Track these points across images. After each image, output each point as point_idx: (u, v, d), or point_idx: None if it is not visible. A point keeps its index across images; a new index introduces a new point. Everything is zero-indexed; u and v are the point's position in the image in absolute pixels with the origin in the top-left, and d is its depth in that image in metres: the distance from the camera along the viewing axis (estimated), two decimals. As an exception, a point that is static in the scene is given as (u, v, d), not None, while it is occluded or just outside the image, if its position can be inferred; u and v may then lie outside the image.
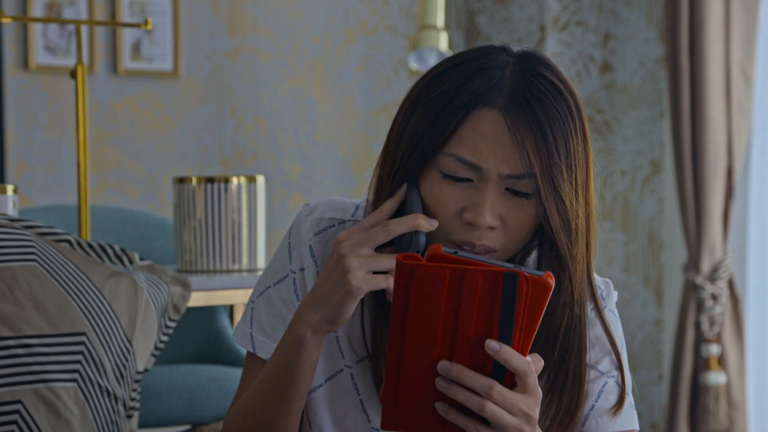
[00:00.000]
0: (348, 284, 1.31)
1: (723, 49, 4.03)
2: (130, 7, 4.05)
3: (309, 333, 1.35)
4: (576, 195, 1.35)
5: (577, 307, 1.39)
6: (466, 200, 1.34)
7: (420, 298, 1.20)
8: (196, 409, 2.98)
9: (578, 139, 1.35)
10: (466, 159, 1.32)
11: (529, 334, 1.21)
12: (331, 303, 1.33)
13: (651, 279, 4.37)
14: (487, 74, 1.34)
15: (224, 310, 3.30)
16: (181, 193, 2.69)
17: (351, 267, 1.31)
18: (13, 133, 3.91)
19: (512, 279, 1.18)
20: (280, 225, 4.29)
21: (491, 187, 1.33)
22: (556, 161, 1.32)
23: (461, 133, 1.33)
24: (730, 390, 4.06)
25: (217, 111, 4.26)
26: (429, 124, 1.34)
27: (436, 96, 1.35)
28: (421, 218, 1.33)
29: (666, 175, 4.33)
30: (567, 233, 1.35)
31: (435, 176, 1.35)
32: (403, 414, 1.25)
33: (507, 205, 1.34)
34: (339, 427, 1.47)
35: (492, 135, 1.32)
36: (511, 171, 1.32)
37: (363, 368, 1.46)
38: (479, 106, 1.32)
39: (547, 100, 1.33)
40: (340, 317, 1.33)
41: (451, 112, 1.33)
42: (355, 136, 4.50)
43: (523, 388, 1.22)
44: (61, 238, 2.16)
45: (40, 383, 1.99)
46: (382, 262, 1.32)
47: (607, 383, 1.45)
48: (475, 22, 4.67)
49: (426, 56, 3.97)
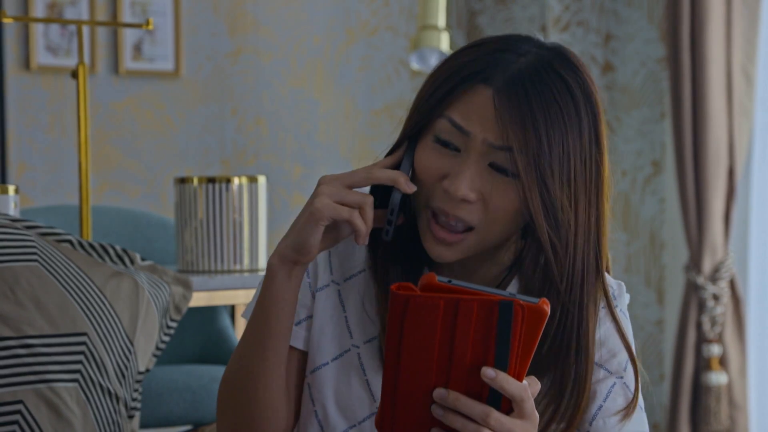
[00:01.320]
0: (312, 207, 1.35)
1: (724, 49, 4.03)
2: (131, 7, 4.06)
3: (277, 261, 1.38)
4: (571, 193, 1.35)
5: (570, 302, 1.38)
6: (449, 168, 1.36)
7: (415, 328, 1.19)
8: (198, 409, 2.99)
9: (582, 138, 1.35)
10: (457, 122, 1.35)
11: (525, 360, 1.21)
12: (297, 228, 1.37)
13: (652, 279, 4.37)
14: (499, 56, 1.36)
15: (225, 311, 3.30)
16: (182, 194, 2.69)
17: (320, 193, 1.35)
18: (14, 133, 3.91)
19: (508, 307, 1.18)
20: (281, 225, 4.29)
21: (473, 159, 1.35)
22: (544, 151, 1.33)
23: (459, 101, 1.36)
24: (732, 390, 4.06)
25: (218, 111, 4.26)
26: (434, 89, 1.38)
27: (449, 66, 1.39)
28: (402, 176, 1.36)
29: (667, 175, 4.33)
30: (552, 225, 1.35)
31: (429, 140, 1.38)
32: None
33: (489, 182, 1.35)
34: (343, 406, 1.46)
35: (482, 108, 1.34)
36: (494, 141, 1.33)
37: (370, 348, 1.46)
38: (478, 81, 1.35)
39: (548, 93, 1.34)
40: (304, 244, 1.36)
41: (454, 81, 1.36)
42: (356, 136, 4.50)
43: (520, 413, 1.22)
44: (62, 238, 2.16)
45: (42, 383, 1.99)
46: (350, 196, 1.35)
47: (615, 384, 1.44)
48: (477, 23, 4.67)
49: (427, 56, 3.98)
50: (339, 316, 1.48)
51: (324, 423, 1.47)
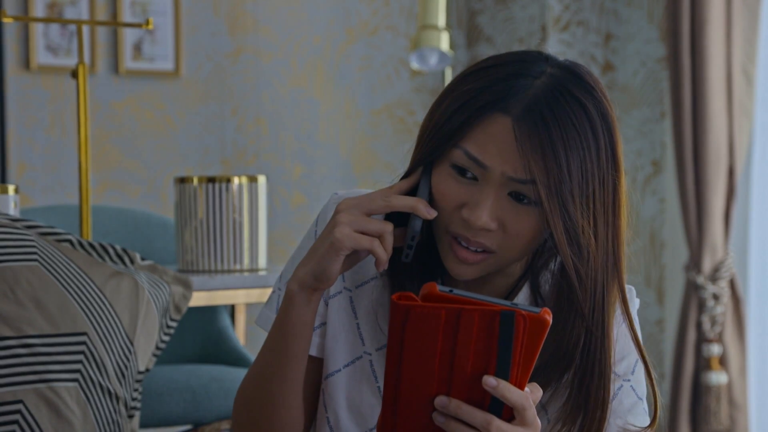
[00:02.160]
0: (333, 237, 1.34)
1: (724, 49, 4.03)
2: (131, 7, 4.06)
3: (296, 288, 1.38)
4: (590, 216, 1.35)
5: (593, 324, 1.38)
6: (468, 196, 1.35)
7: (416, 337, 1.19)
8: (198, 409, 2.98)
9: (600, 159, 1.35)
10: (473, 155, 1.34)
11: (527, 368, 1.21)
12: (317, 257, 1.36)
13: (652, 279, 4.37)
14: (515, 81, 1.34)
15: (225, 310, 3.30)
16: (182, 193, 2.69)
17: (340, 222, 1.35)
18: (14, 133, 3.91)
19: (509, 317, 1.18)
20: (281, 225, 4.29)
21: (492, 189, 1.34)
22: (565, 178, 1.32)
23: (474, 131, 1.34)
24: (732, 390, 4.06)
25: (218, 111, 4.26)
26: (449, 116, 1.36)
27: (464, 92, 1.37)
28: (421, 203, 1.36)
29: (667, 175, 4.33)
30: (575, 251, 1.35)
31: (445, 168, 1.37)
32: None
33: (508, 210, 1.35)
34: (355, 413, 1.47)
35: (500, 138, 1.33)
36: (514, 174, 1.33)
37: (382, 356, 1.46)
38: (496, 110, 1.33)
39: (566, 119, 1.33)
40: (324, 272, 1.36)
41: (470, 110, 1.35)
42: (357, 136, 4.50)
43: (522, 421, 1.22)
44: (62, 238, 2.16)
45: (42, 383, 1.99)
46: (370, 225, 1.35)
47: (622, 386, 1.45)
48: (477, 22, 4.67)
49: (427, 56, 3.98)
50: (351, 323, 1.48)
51: (335, 429, 1.47)
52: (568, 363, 1.39)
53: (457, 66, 4.58)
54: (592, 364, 1.39)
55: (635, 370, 1.46)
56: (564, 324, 1.38)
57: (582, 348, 1.38)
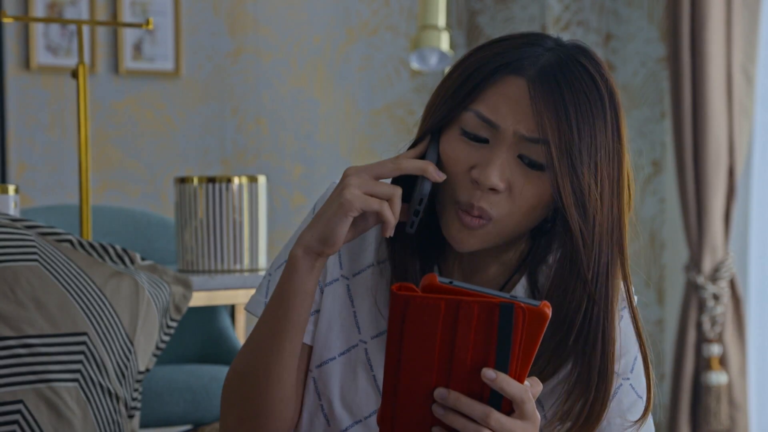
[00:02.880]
0: (342, 198, 1.34)
1: (724, 49, 4.03)
2: (131, 7, 4.06)
3: (301, 252, 1.37)
4: (597, 182, 1.36)
5: (596, 299, 1.38)
6: (478, 158, 1.36)
7: (415, 328, 1.19)
8: (198, 409, 2.98)
9: (606, 132, 1.37)
10: (485, 115, 1.35)
11: (526, 361, 1.21)
12: (324, 219, 1.36)
13: (652, 279, 4.37)
14: (528, 49, 1.38)
15: (226, 310, 3.30)
16: (182, 193, 2.69)
17: (348, 184, 1.35)
18: (14, 133, 3.91)
19: (508, 309, 1.18)
20: (281, 225, 4.29)
21: (504, 149, 1.35)
22: (575, 140, 1.34)
23: (486, 94, 1.36)
24: (732, 390, 4.06)
25: (218, 111, 4.26)
26: (460, 82, 1.38)
27: (474, 60, 1.39)
28: (431, 166, 1.36)
29: (667, 175, 4.33)
30: (581, 214, 1.36)
31: (455, 132, 1.38)
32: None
33: (517, 173, 1.36)
34: (349, 401, 1.46)
35: (514, 99, 1.35)
36: (526, 133, 1.34)
37: (379, 343, 1.46)
38: (509, 72, 1.36)
39: (578, 84, 1.36)
40: (331, 235, 1.35)
41: (482, 74, 1.37)
42: (357, 136, 4.50)
43: (521, 414, 1.23)
44: (62, 238, 2.16)
45: (42, 383, 1.99)
46: (381, 188, 1.35)
47: (621, 385, 1.44)
48: (477, 22, 4.67)
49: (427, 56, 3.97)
50: (348, 311, 1.48)
51: (330, 418, 1.47)
52: (568, 328, 1.39)
53: (457, 66, 4.58)
54: (594, 334, 1.39)
55: (634, 368, 1.46)
56: (566, 287, 1.39)
57: (584, 315, 1.38)
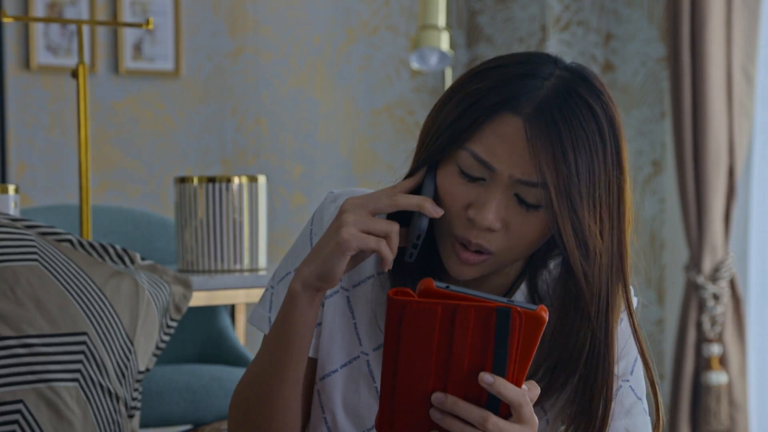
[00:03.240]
0: (339, 237, 1.33)
1: (724, 49, 4.03)
2: (131, 6, 4.06)
3: (300, 288, 1.37)
4: (596, 220, 1.35)
5: (598, 327, 1.38)
6: (474, 197, 1.35)
7: (412, 333, 1.19)
8: (198, 409, 2.98)
9: (606, 163, 1.35)
10: (481, 157, 1.33)
11: (523, 365, 1.21)
12: (322, 257, 1.35)
13: (652, 279, 4.37)
14: (524, 81, 1.34)
15: (225, 310, 3.30)
16: (182, 193, 2.69)
17: (345, 222, 1.34)
18: (14, 132, 3.91)
19: (505, 314, 1.18)
20: (281, 225, 4.29)
21: (499, 190, 1.34)
22: (574, 180, 1.32)
23: (483, 132, 1.34)
24: (732, 390, 4.06)
25: (218, 111, 4.26)
26: (456, 116, 1.36)
27: (471, 91, 1.36)
28: (428, 202, 1.35)
29: (667, 175, 4.33)
30: (582, 253, 1.35)
31: (451, 169, 1.37)
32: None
33: (514, 212, 1.35)
34: (352, 413, 1.46)
35: (510, 140, 1.33)
36: (522, 176, 1.33)
37: (379, 355, 1.46)
38: (506, 110, 1.33)
39: (575, 120, 1.33)
40: (329, 272, 1.35)
41: (479, 110, 1.34)
42: (357, 136, 4.50)
43: (519, 418, 1.22)
44: (62, 237, 2.16)
45: (42, 383, 1.99)
46: (377, 225, 1.34)
47: (621, 387, 1.45)
48: (477, 22, 4.67)
49: (427, 56, 3.98)
50: (348, 323, 1.48)
51: (333, 430, 1.47)
52: (573, 368, 1.39)
53: (457, 66, 4.58)
54: (596, 368, 1.39)
55: (634, 370, 1.46)
56: (570, 328, 1.38)
57: (589, 351, 1.38)
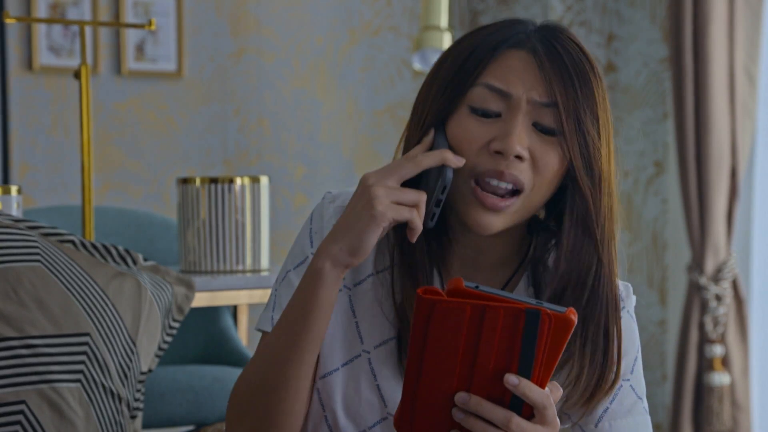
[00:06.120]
0: (373, 210, 1.33)
1: (727, 50, 4.03)
2: (133, 7, 4.06)
3: (328, 265, 1.36)
4: (599, 140, 1.39)
5: (604, 262, 1.40)
6: (494, 132, 1.37)
7: (440, 332, 1.19)
8: (200, 409, 2.99)
9: (600, 95, 1.40)
10: (497, 86, 1.37)
11: (549, 367, 1.21)
12: (354, 231, 1.34)
13: (655, 279, 4.37)
14: (514, 27, 1.42)
15: (228, 311, 3.30)
16: (184, 194, 2.70)
17: (377, 195, 1.34)
18: (17, 133, 3.92)
19: (534, 316, 1.18)
20: (283, 225, 4.29)
21: (520, 117, 1.37)
22: (580, 101, 1.37)
23: (491, 68, 1.38)
24: (734, 391, 4.06)
25: (220, 111, 4.26)
26: (459, 67, 1.40)
27: (466, 46, 1.41)
28: (448, 153, 1.36)
29: (670, 176, 4.33)
30: (590, 175, 1.38)
31: (463, 113, 1.39)
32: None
33: (535, 141, 1.37)
34: (352, 412, 1.46)
35: (520, 68, 1.38)
36: (539, 98, 1.36)
37: (382, 353, 1.46)
38: (509, 46, 1.39)
39: (572, 52, 1.39)
40: (362, 246, 1.34)
41: (482, 51, 1.39)
42: (359, 136, 4.50)
43: (542, 419, 1.23)
44: (65, 238, 2.16)
45: (44, 383, 1.99)
46: (408, 195, 1.35)
47: (622, 386, 1.45)
48: (479, 23, 4.67)
49: (430, 57, 3.97)
50: (350, 321, 1.47)
51: (334, 428, 1.46)
52: (580, 291, 1.40)
53: (459, 67, 4.58)
54: (602, 294, 1.40)
55: (634, 369, 1.47)
56: (579, 249, 1.40)
57: (594, 277, 1.40)
